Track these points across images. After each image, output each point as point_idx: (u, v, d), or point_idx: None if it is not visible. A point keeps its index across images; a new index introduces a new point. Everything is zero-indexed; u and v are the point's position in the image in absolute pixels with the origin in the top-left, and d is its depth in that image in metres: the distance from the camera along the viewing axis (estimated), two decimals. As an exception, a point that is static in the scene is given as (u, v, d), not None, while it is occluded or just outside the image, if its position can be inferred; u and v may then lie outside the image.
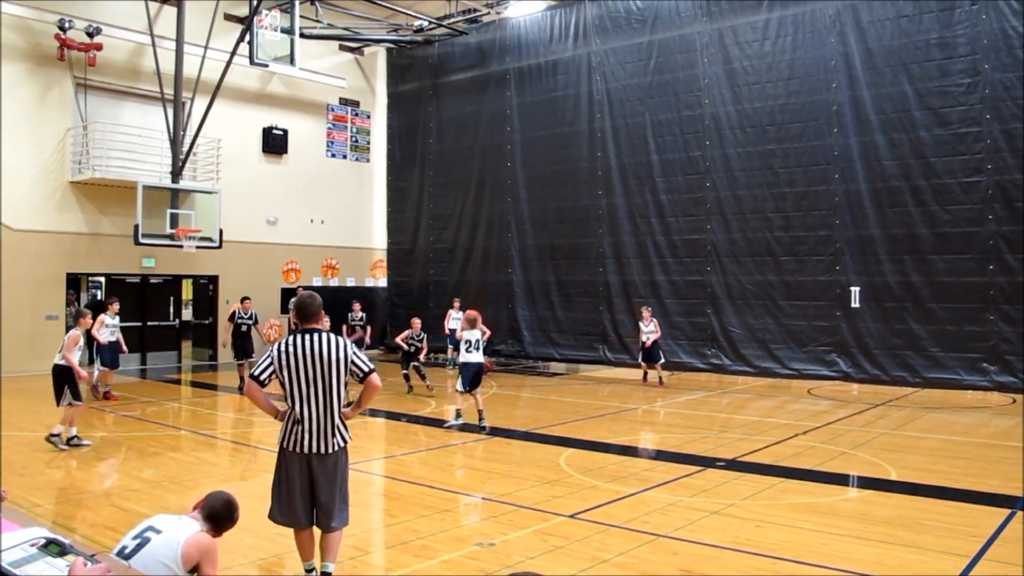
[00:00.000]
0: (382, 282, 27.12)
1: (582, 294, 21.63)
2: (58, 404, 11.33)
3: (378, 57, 27.80)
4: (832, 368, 18.01)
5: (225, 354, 22.65)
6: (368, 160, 27.75)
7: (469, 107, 24.59)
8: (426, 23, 24.47)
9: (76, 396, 11.28)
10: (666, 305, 20.26)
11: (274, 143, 24.74)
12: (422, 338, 16.66)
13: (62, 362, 11.27)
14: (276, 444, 6.00)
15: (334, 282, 26.06)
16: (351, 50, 27.21)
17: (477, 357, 13.09)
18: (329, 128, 26.61)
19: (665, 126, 20.41)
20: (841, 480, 9.80)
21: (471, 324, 13.48)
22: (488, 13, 24.15)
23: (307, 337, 5.78)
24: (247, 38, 20.60)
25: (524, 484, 9.34)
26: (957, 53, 16.69)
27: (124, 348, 16.41)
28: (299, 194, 25.32)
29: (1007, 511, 8.13)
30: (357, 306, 20.38)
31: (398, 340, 16.89)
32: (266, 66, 21.84)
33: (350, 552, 6.98)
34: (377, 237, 27.62)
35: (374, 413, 15.33)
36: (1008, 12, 16.13)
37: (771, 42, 18.85)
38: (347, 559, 6.78)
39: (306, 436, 5.75)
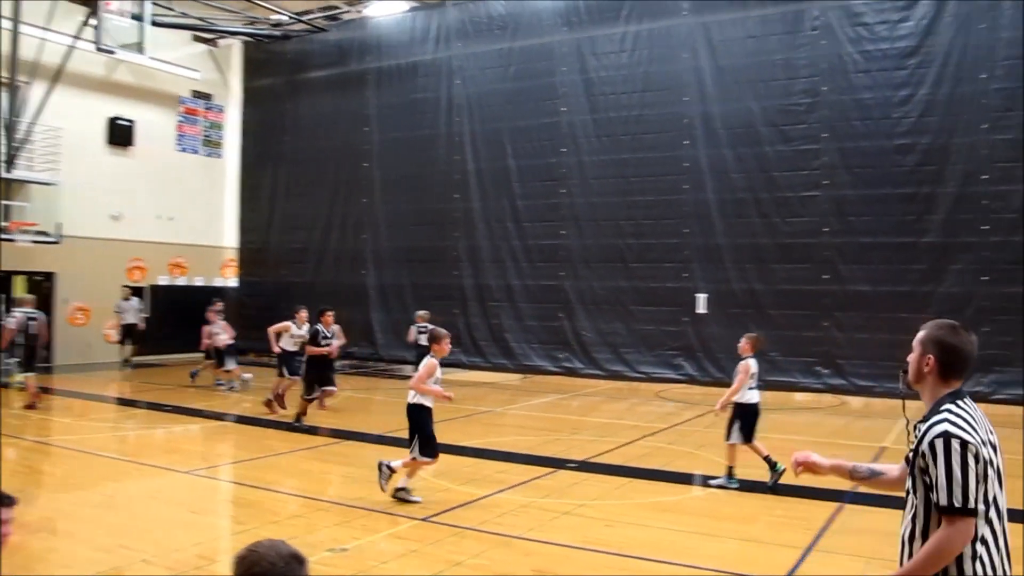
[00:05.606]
0: (232, 282, 26.31)
1: (437, 297, 21.54)
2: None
3: (233, 50, 26.95)
4: (679, 371, 18.62)
5: (62, 355, 21.49)
6: (220, 156, 26.87)
7: (327, 106, 24.18)
8: (285, 17, 23.89)
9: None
10: (520, 309, 20.48)
11: (120, 134, 23.56)
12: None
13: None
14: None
15: (182, 281, 25.10)
16: (205, 41, 26.26)
17: None
18: (180, 121, 25.59)
19: (523, 132, 20.63)
20: (687, 479, 10.14)
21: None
22: (349, 11, 23.82)
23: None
24: (92, 22, 19.61)
25: (377, 488, 9.24)
26: (799, 75, 17.59)
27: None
28: (146, 189, 24.19)
29: (835, 504, 8.62)
30: (219, 304, 18.91)
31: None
32: (113, 53, 20.85)
33: (195, 562, 6.76)
34: (228, 236, 26.74)
35: (221, 417, 14.84)
36: (844, 39, 17.12)
37: (628, 55, 19.35)
38: (192, 569, 6.55)
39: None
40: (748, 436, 9.42)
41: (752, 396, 9.45)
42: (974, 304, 15.77)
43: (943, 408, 2.96)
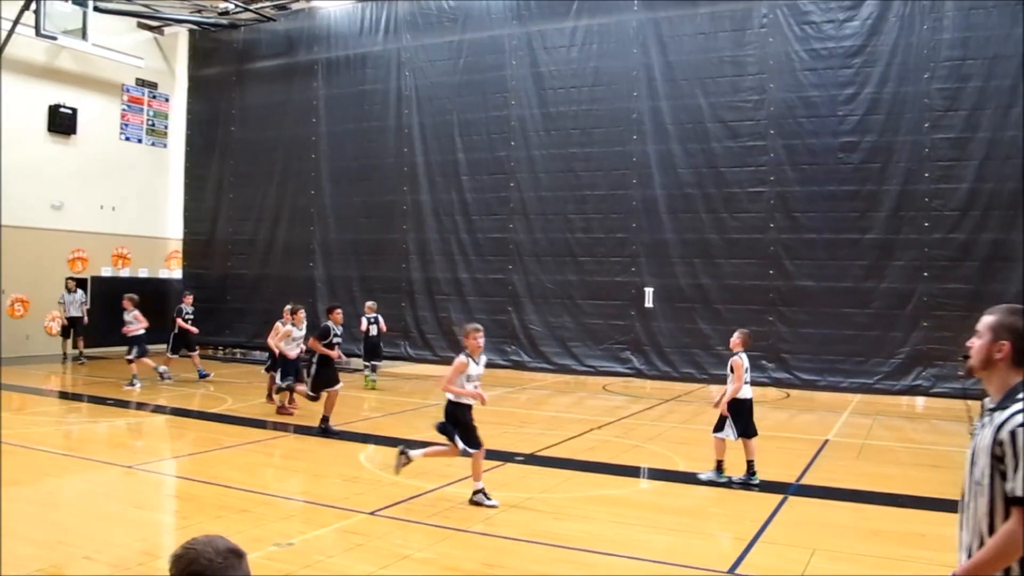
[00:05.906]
0: (177, 273, 25.85)
1: (385, 290, 21.38)
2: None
3: (179, 38, 26.42)
4: (626, 365, 18.72)
5: (11, 347, 20.96)
6: (165, 145, 26.37)
7: (275, 96, 23.84)
8: (232, 6, 23.47)
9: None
10: (469, 302, 20.43)
11: (62, 122, 22.93)
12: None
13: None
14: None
15: (125, 272, 24.61)
16: (150, 28, 25.70)
17: None
18: (124, 110, 25.04)
19: (472, 125, 20.57)
20: (634, 472, 10.20)
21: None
22: (298, 0, 23.51)
23: None
24: (33, 6, 19.09)
25: (324, 482, 9.18)
26: (747, 72, 17.76)
27: None
28: (89, 178, 23.61)
29: (780, 496, 8.73)
30: (190, 297, 19.16)
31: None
32: (55, 39, 20.30)
33: (138, 558, 6.64)
34: (173, 226, 26.25)
35: (176, 412, 14.61)
36: (792, 38, 17.33)
37: (577, 49, 19.37)
38: (135, 565, 6.43)
39: None
40: (750, 431, 9.33)
41: (745, 391, 9.46)
42: (915, 300, 16.10)
43: (1021, 396, 2.85)
